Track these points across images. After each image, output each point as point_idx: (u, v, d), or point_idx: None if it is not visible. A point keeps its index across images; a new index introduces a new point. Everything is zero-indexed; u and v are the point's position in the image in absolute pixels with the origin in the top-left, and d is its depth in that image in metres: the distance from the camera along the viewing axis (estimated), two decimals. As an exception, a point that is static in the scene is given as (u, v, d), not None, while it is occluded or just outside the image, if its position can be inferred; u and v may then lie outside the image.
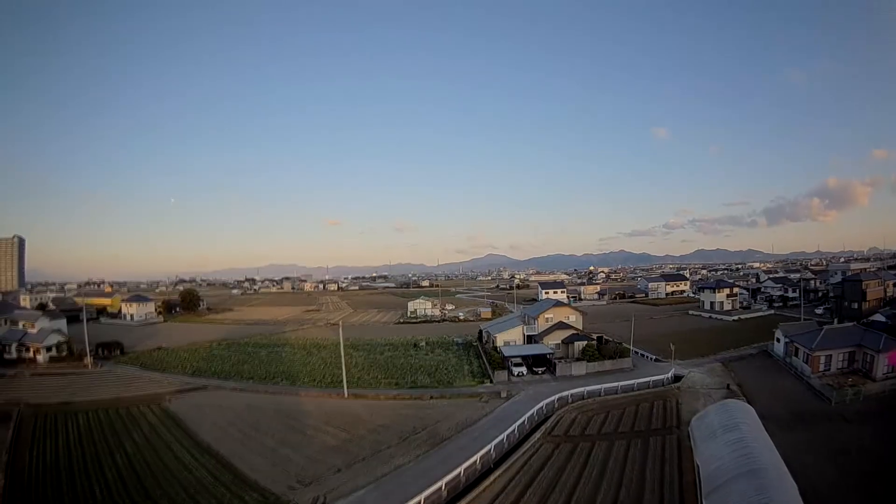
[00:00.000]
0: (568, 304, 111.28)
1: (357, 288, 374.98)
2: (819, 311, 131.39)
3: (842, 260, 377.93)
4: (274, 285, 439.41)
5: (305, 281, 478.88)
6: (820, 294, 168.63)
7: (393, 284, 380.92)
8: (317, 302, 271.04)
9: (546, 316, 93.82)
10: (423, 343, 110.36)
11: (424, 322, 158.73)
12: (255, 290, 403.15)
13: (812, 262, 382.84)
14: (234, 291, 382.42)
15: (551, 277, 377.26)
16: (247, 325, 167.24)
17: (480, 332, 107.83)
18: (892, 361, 66.53)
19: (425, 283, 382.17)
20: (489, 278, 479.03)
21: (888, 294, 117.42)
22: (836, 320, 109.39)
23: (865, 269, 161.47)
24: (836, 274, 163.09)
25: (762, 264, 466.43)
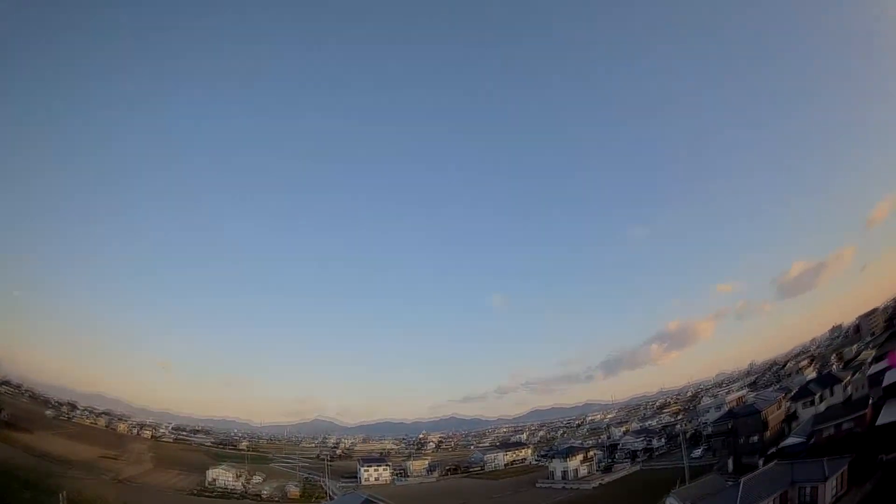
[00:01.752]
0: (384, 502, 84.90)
1: (173, 440, 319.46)
2: (697, 453, 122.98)
3: (689, 393, 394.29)
4: (90, 416, 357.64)
5: (123, 420, 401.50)
6: (689, 435, 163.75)
7: (211, 441, 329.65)
8: (123, 447, 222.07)
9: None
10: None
11: (222, 497, 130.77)
12: (70, 416, 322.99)
13: (658, 403, 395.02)
14: (48, 412, 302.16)
15: (378, 447, 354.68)
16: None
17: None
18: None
19: (244, 444, 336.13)
20: (314, 444, 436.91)
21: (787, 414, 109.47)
22: (731, 461, 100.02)
23: (741, 397, 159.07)
24: (709, 410, 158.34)
25: (603, 415, 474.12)
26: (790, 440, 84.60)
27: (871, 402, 75.15)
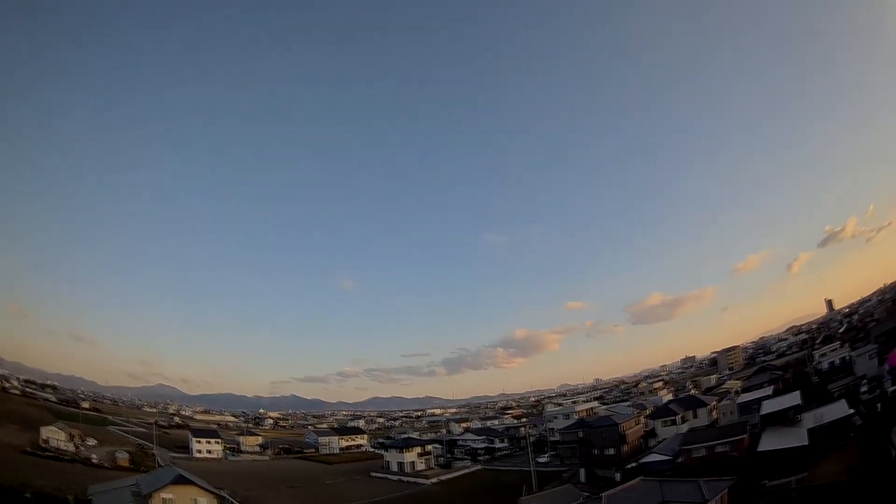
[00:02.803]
0: (196, 484, 67.39)
1: (20, 393, 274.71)
2: (543, 458, 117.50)
3: (531, 399, 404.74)
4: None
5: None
6: (533, 439, 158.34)
7: (54, 399, 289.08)
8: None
9: (163, 496, 60.03)
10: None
11: (52, 459, 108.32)
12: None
13: (499, 405, 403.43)
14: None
15: (218, 419, 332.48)
16: None
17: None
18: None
19: (86, 404, 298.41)
20: (154, 410, 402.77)
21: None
22: (583, 471, 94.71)
23: (592, 408, 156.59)
24: (556, 417, 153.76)
25: (443, 410, 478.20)
26: (654, 456, 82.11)
27: (748, 428, 74.05)
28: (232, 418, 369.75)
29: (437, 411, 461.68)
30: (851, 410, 66.18)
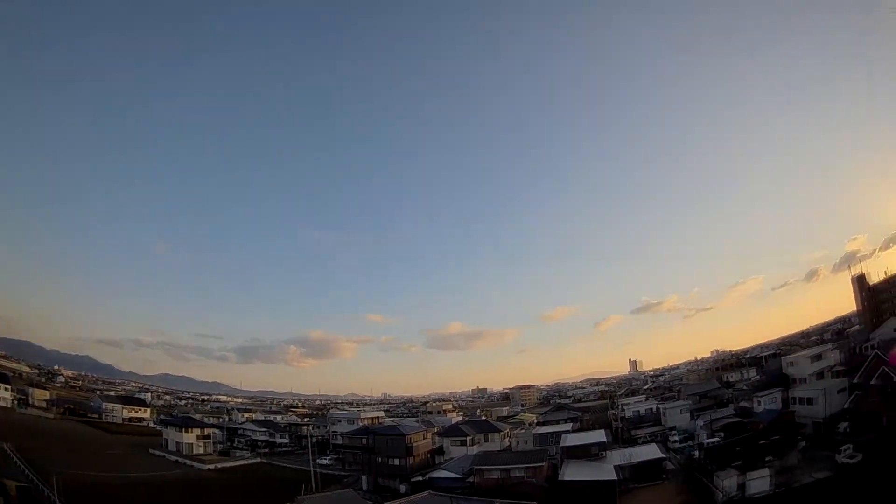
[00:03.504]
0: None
1: None
2: (325, 460, 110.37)
3: (318, 401, 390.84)
4: None
5: None
6: (315, 440, 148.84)
7: None
8: None
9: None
10: None
11: None
12: None
13: (285, 402, 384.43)
14: None
15: (15, 366, 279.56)
16: None
17: None
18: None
19: None
20: None
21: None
22: (366, 478, 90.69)
23: (378, 417, 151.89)
24: (340, 421, 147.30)
25: (230, 398, 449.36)
26: (443, 473, 78.66)
27: (546, 457, 73.80)
28: (27, 368, 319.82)
29: (224, 398, 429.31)
30: (663, 454, 72.18)
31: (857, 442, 57.18)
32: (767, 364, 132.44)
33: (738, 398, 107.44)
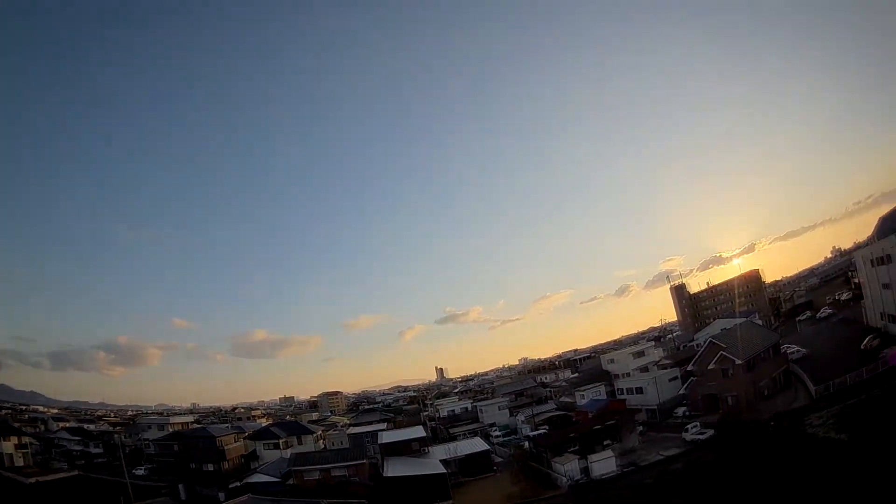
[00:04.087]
0: None
1: None
2: (140, 471, 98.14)
3: (129, 411, 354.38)
4: None
5: None
6: (128, 450, 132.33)
7: None
8: None
9: None
10: None
11: None
12: None
13: (98, 413, 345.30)
14: None
15: None
16: None
17: None
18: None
19: None
20: None
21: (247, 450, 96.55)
22: (182, 487, 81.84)
23: (186, 422, 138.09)
24: (150, 427, 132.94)
25: (47, 409, 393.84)
26: (260, 477, 72.74)
27: (365, 455, 73.04)
28: None
29: (42, 408, 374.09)
30: (488, 447, 74.22)
31: (702, 421, 63.77)
32: (584, 364, 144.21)
33: (558, 394, 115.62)
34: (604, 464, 57.66)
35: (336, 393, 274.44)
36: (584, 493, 52.38)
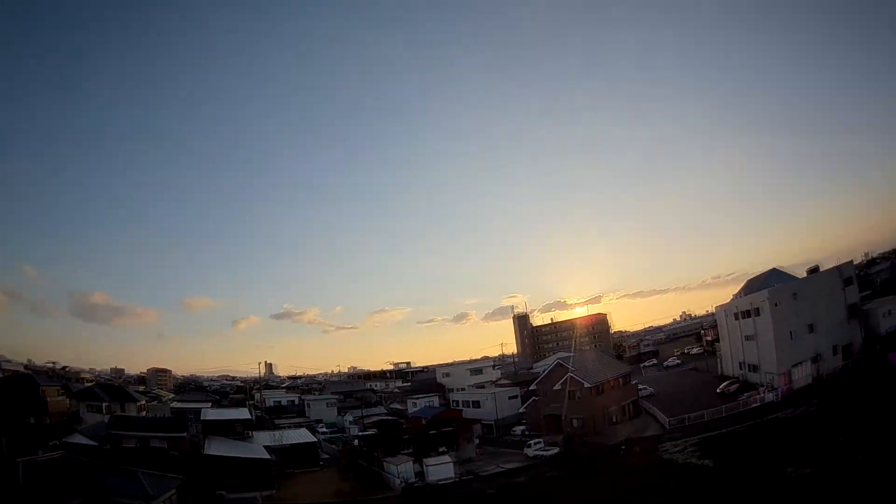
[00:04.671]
0: None
1: None
2: None
3: None
4: None
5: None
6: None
7: None
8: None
9: None
10: None
11: None
12: None
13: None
14: None
15: None
16: None
17: None
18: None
19: None
20: None
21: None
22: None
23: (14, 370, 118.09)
24: None
25: None
26: (79, 438, 63.18)
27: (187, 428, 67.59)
28: None
29: None
30: (315, 439, 69.41)
31: (547, 440, 63.94)
32: (417, 376, 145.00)
33: (389, 400, 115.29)
34: (441, 469, 55.04)
35: (165, 371, 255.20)
36: (419, 496, 49.61)
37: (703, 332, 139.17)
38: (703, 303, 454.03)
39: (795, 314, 69.93)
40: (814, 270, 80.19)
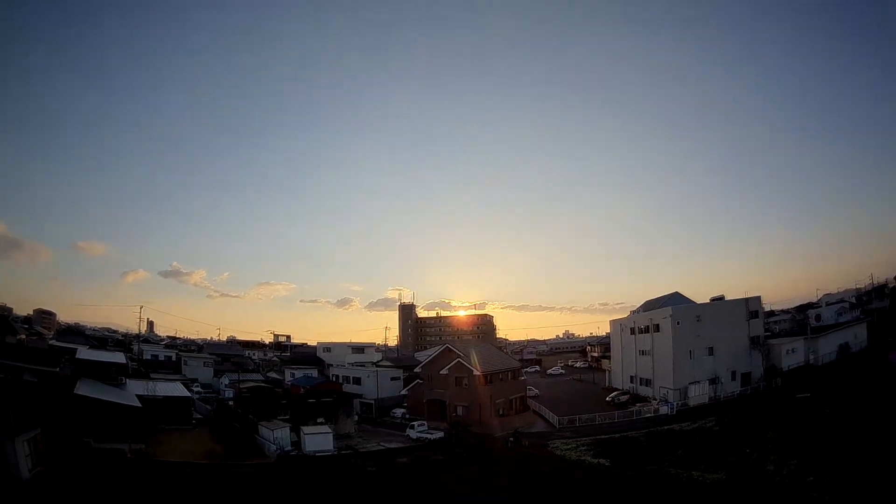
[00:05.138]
0: None
1: None
2: None
3: None
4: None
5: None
6: None
7: None
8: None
9: None
10: None
11: None
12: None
13: None
14: None
15: None
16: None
17: None
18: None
19: None
20: None
21: None
22: None
23: None
24: None
25: None
26: None
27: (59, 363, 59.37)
28: None
29: None
30: (190, 394, 64.60)
31: (430, 424, 61.85)
32: (297, 350, 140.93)
33: (266, 369, 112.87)
34: (319, 439, 50.78)
35: (51, 314, 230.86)
36: (295, 466, 44.79)
37: (588, 347, 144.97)
38: (587, 326, 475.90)
39: (696, 336, 72.10)
40: (718, 299, 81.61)
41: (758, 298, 76.73)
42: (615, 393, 78.63)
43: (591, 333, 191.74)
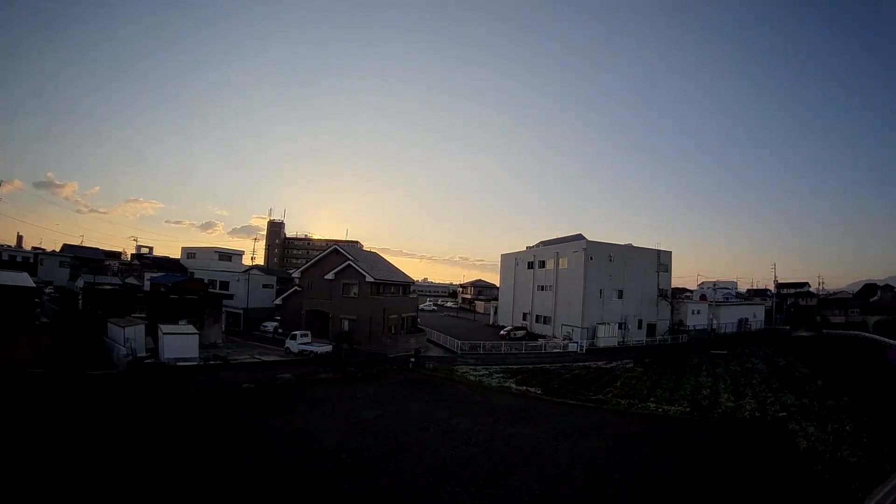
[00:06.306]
0: None
1: None
2: None
3: None
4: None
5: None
6: None
7: None
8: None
9: None
10: None
11: None
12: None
13: None
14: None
15: None
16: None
17: None
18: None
19: None
20: None
21: None
22: None
23: None
24: None
25: None
26: None
27: None
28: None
29: None
30: (34, 285, 50.46)
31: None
32: (159, 260, 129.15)
33: (125, 274, 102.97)
34: (182, 344, 39.55)
35: None
36: (150, 377, 33.88)
37: (461, 289, 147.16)
38: (446, 275, 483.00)
39: (608, 276, 68.82)
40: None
41: (669, 253, 75.49)
42: (508, 328, 74.16)
43: (451, 282, 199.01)
